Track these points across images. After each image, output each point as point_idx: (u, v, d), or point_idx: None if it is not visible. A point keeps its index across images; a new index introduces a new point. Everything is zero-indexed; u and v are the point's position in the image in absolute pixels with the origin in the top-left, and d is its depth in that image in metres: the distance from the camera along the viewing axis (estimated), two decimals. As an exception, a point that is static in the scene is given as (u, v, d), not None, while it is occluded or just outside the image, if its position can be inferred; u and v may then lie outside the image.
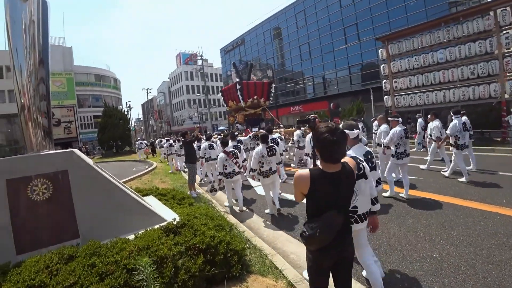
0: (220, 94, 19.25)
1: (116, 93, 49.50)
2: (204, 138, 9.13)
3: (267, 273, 3.16)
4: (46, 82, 3.44)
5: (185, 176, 10.67)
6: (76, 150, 3.41)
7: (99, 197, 3.28)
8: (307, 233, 1.77)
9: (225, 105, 18.52)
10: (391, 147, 5.76)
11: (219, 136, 12.04)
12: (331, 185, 1.79)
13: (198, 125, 8.26)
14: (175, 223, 3.18)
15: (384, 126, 6.52)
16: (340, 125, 3.16)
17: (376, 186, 3.10)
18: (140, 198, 3.70)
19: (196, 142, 8.37)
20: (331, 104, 29.44)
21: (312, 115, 2.26)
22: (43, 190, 2.97)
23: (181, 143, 12.57)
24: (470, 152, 7.48)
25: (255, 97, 16.46)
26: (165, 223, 3.26)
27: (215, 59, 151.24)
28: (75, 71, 41.44)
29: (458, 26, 14.30)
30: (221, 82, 61.76)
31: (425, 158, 8.88)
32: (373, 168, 3.05)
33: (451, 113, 7.10)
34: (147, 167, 15.02)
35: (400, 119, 5.82)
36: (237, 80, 17.46)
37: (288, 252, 3.85)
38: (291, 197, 6.41)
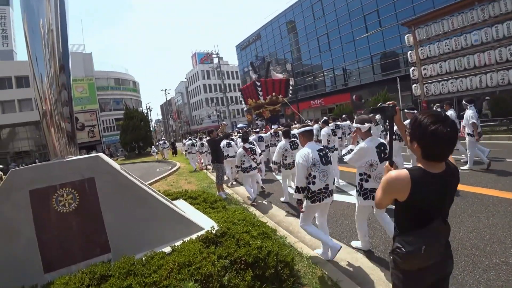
0: (239, 92, 19.95)
1: (135, 96, 50.40)
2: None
3: (321, 286, 2.76)
4: (67, 87, 3.30)
5: (210, 175, 10.47)
6: (102, 155, 3.14)
7: (130, 205, 2.99)
8: (404, 249, 1.38)
9: (243, 103, 18.95)
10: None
11: (239, 134, 12.08)
12: (437, 189, 1.40)
13: (224, 122, 8.01)
14: (214, 231, 2.83)
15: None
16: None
17: None
18: (171, 204, 3.38)
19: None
20: (354, 96, 28.34)
21: (390, 102, 1.79)
22: (69, 201, 2.71)
23: (203, 141, 12.59)
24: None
25: (273, 94, 16.81)
26: (203, 232, 2.92)
27: (230, 57, 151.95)
28: (95, 76, 42.48)
29: (494, 4, 13.15)
30: (238, 80, 61.55)
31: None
32: (385, 158, 3.18)
33: (465, 102, 7.03)
34: (170, 167, 14.96)
35: (416, 111, 5.98)
36: (255, 78, 17.94)
37: (338, 259, 3.42)
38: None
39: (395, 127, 3.28)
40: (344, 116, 13.57)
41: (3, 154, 33.44)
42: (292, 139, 5.89)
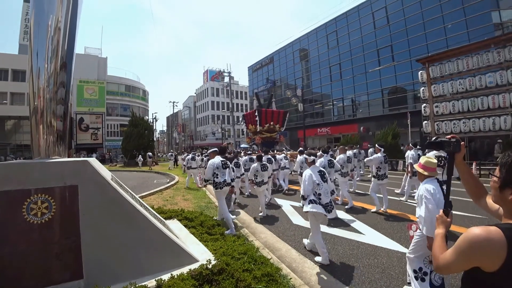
0: (242, 118, 22.08)
1: (143, 104, 50.72)
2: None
3: None
4: (66, 86, 3.11)
5: (209, 193, 9.96)
6: (92, 160, 2.73)
7: (114, 224, 2.54)
8: None
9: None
10: (373, 169, 6.99)
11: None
12: None
13: (231, 142, 7.87)
14: (210, 266, 2.35)
15: (340, 156, 7.74)
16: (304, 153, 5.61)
17: (331, 195, 4.33)
18: (163, 225, 2.91)
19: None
20: (361, 128, 28.08)
21: (450, 136, 1.37)
22: (43, 210, 2.28)
23: (202, 157, 12.34)
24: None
25: (271, 123, 18.93)
26: (196, 265, 2.45)
27: (241, 77, 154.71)
28: (107, 81, 43.07)
29: (511, 48, 13.08)
30: (247, 100, 61.98)
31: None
32: (325, 181, 4.19)
33: (411, 145, 8.69)
34: (168, 180, 14.48)
35: (382, 148, 7.22)
36: (257, 107, 20.57)
37: None
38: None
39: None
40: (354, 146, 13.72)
41: (3, 145, 33.20)
42: (264, 162, 7.33)
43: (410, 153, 8.15)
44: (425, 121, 16.35)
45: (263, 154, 8.22)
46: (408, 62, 24.07)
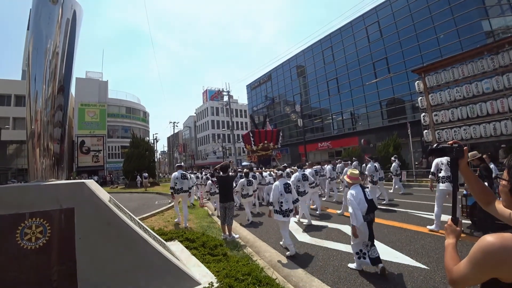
0: (244, 132, 23.51)
1: (144, 126, 51.03)
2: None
3: None
4: (64, 109, 3.13)
5: (211, 213, 9.81)
6: (89, 182, 2.66)
7: (112, 248, 2.44)
8: None
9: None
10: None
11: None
12: None
13: (231, 160, 8.16)
14: (212, 290, 2.23)
15: (308, 170, 8.61)
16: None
17: (294, 203, 5.29)
18: (164, 248, 2.81)
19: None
20: (362, 140, 28.05)
21: (452, 141, 1.31)
22: (38, 235, 2.20)
23: (211, 177, 12.39)
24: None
25: (265, 142, 20.50)
26: (198, 289, 2.33)
27: (240, 96, 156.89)
28: (108, 103, 43.56)
29: (504, 54, 13.24)
30: (246, 118, 62.37)
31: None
32: (289, 192, 5.19)
33: (368, 158, 9.87)
34: (169, 201, 14.29)
35: (349, 162, 8.72)
36: (252, 129, 23.07)
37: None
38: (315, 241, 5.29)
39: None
40: (354, 158, 13.67)
41: (4, 170, 33.14)
42: (250, 178, 8.50)
43: (367, 166, 9.36)
44: (426, 130, 16.31)
45: (249, 172, 9.21)
46: (404, 73, 24.39)
